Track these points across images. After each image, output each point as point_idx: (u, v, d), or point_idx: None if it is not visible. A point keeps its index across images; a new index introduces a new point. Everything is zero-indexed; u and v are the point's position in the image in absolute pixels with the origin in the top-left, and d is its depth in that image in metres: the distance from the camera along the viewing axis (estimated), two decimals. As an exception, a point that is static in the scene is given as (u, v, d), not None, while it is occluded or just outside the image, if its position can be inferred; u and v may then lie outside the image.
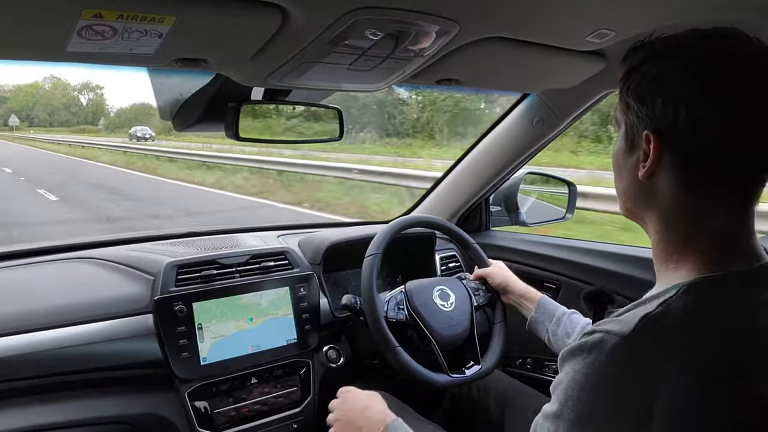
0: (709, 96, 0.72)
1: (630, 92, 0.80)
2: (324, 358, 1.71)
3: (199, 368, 1.47)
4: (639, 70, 0.79)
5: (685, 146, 0.75)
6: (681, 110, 0.73)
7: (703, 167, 0.75)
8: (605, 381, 0.71)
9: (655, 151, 0.76)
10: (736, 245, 0.77)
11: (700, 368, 0.69)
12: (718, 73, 0.72)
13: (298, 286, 1.67)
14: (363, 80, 1.28)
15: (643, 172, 0.79)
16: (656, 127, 0.76)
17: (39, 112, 52.14)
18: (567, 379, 0.74)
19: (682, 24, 0.95)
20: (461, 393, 1.71)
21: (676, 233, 0.80)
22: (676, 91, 0.74)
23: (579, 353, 0.74)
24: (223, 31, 0.95)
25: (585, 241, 2.05)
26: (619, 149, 0.85)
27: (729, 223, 0.77)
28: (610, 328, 0.72)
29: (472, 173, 2.14)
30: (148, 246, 1.78)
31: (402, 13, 0.96)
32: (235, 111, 1.33)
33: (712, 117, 0.72)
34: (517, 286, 1.58)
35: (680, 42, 0.77)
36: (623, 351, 0.70)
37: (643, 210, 0.84)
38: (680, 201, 0.78)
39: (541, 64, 1.40)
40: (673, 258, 0.80)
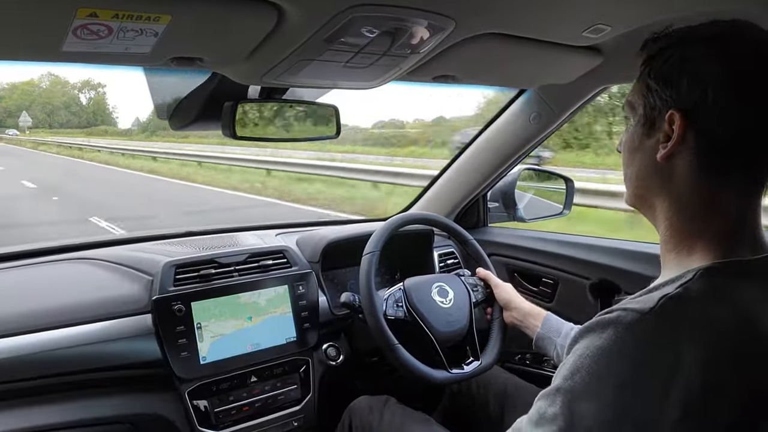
0: (733, 81, 0.73)
1: (652, 75, 0.80)
2: (323, 356, 1.71)
3: (198, 367, 1.47)
4: (661, 55, 0.80)
5: (709, 128, 0.75)
6: (708, 92, 0.74)
7: (724, 150, 0.76)
8: (621, 355, 0.71)
9: (679, 131, 0.77)
10: (745, 233, 0.78)
11: (716, 352, 0.69)
12: (742, 61, 0.74)
13: (296, 284, 1.67)
14: (359, 78, 1.28)
15: (664, 152, 0.79)
16: (682, 107, 0.76)
17: (37, 112, 47.83)
18: (576, 356, 0.74)
19: (678, 18, 0.96)
20: (460, 390, 1.71)
21: (689, 218, 0.80)
22: (703, 73, 0.75)
23: (594, 329, 0.74)
24: (218, 29, 0.95)
25: (583, 236, 2.05)
26: (633, 134, 0.86)
27: (741, 210, 0.78)
28: (628, 306, 0.73)
29: (470, 170, 2.14)
30: (146, 246, 1.78)
31: (398, 10, 0.96)
32: (231, 109, 1.33)
33: (736, 102, 0.73)
34: (522, 305, 1.56)
35: (701, 30, 0.78)
36: (643, 327, 0.70)
37: (655, 195, 0.84)
38: (696, 184, 0.78)
39: (537, 60, 1.40)
40: (686, 243, 0.80)
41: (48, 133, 38.75)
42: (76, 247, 1.75)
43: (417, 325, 1.52)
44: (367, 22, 0.97)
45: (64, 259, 1.67)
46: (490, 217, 2.30)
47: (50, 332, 1.36)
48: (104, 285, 1.54)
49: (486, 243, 1.99)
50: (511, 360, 2.02)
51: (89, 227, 8.37)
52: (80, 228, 8.22)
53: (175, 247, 1.71)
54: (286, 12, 0.91)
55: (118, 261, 1.62)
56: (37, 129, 42.02)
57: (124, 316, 1.45)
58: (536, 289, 2.01)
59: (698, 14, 0.99)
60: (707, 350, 0.69)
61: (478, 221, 2.29)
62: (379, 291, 1.57)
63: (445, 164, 2.24)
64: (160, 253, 1.63)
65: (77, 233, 7.51)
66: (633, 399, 0.69)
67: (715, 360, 0.69)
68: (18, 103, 40.49)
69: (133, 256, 1.64)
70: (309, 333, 1.66)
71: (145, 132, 35.68)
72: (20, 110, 36.30)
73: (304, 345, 1.65)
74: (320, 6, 0.91)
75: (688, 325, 0.70)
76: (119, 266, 1.60)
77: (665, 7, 1.04)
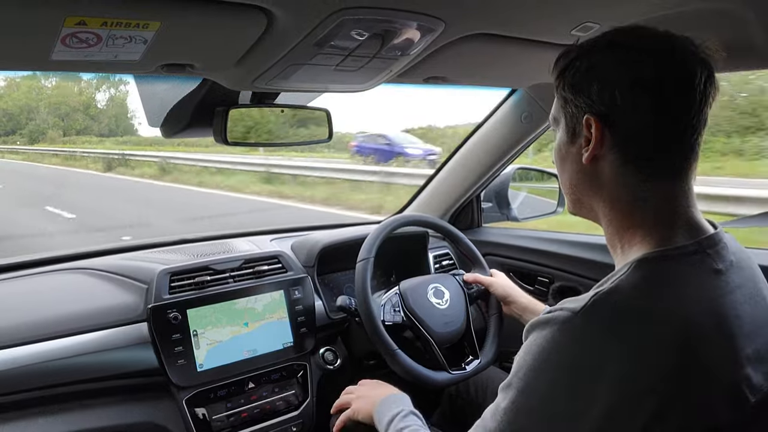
0: (638, 81, 0.79)
1: (566, 87, 0.86)
2: (321, 360, 1.71)
3: (195, 375, 1.46)
4: (571, 66, 0.85)
5: (623, 126, 0.81)
6: (616, 94, 0.80)
7: (639, 145, 0.81)
8: (555, 353, 0.75)
9: (597, 133, 0.82)
10: (679, 219, 0.82)
11: (649, 343, 0.72)
12: (643, 61, 0.79)
13: (292, 289, 1.66)
14: (350, 81, 1.29)
15: (587, 155, 0.84)
16: (595, 111, 0.82)
17: (47, 116, 33.28)
18: (522, 353, 0.80)
19: (667, 14, 0.97)
20: (458, 392, 1.71)
21: (622, 213, 0.85)
22: (610, 78, 0.81)
23: (536, 326, 0.79)
24: (208, 35, 0.95)
25: (577, 234, 2.05)
26: (560, 143, 0.91)
27: (670, 196, 0.83)
28: (565, 305, 0.77)
29: (463, 170, 2.15)
30: (140, 254, 1.78)
31: (387, 13, 0.96)
32: (223, 115, 1.33)
33: (642, 100, 0.79)
34: (520, 298, 1.57)
35: (603, 39, 0.84)
36: (574, 326, 0.74)
37: (590, 197, 0.89)
38: (622, 181, 0.83)
39: (526, 59, 1.40)
40: (624, 238, 0.86)
41: (64, 142, 25.67)
42: (69, 258, 1.74)
43: (415, 328, 1.53)
44: (357, 24, 0.97)
45: (58, 270, 1.66)
46: (484, 218, 2.31)
47: (45, 343, 1.35)
48: (99, 294, 1.53)
49: (481, 243, 1.99)
50: (508, 360, 2.02)
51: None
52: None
53: (169, 255, 1.71)
54: (276, 17, 0.91)
55: (113, 270, 1.61)
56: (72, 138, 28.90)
57: (120, 325, 1.45)
58: (532, 288, 2.01)
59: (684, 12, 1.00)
60: (635, 345, 0.72)
61: (472, 222, 2.29)
62: (375, 296, 1.57)
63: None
64: (155, 261, 1.62)
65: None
66: (564, 397, 0.74)
67: (644, 354, 0.72)
68: (21, 105, 26.32)
69: (128, 265, 1.63)
70: (306, 338, 1.66)
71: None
72: (24, 113, 26.97)
73: (301, 350, 1.65)
74: (309, 10, 0.91)
75: (616, 322, 0.74)
76: (114, 275, 1.60)
77: (653, 5, 1.05)
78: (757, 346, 0.78)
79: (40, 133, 25.88)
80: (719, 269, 0.80)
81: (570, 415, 0.73)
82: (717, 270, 0.80)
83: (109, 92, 39.44)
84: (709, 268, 0.79)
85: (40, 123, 27.16)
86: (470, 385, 1.69)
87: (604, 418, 0.71)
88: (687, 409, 0.71)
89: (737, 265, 0.83)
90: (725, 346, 0.75)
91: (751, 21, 1.08)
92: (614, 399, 0.71)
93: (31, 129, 27.21)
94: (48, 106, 28.68)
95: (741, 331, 0.77)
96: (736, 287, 0.80)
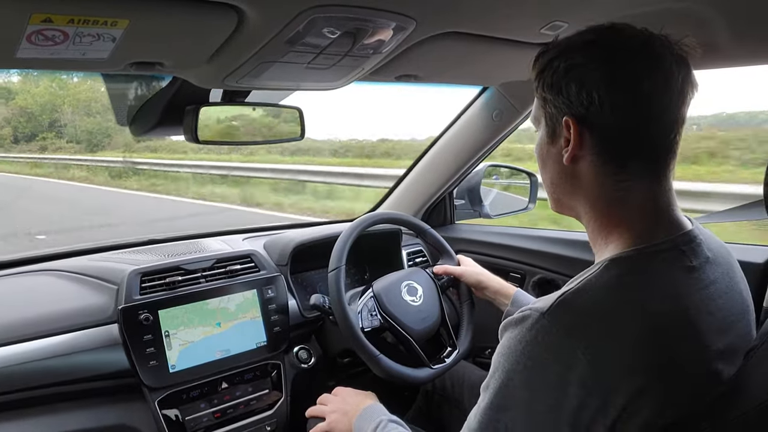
0: (615, 82, 0.79)
1: (545, 87, 0.87)
2: (295, 359, 1.70)
3: (168, 376, 1.45)
4: (549, 67, 0.86)
5: (601, 127, 0.82)
6: (594, 95, 0.80)
7: (618, 145, 0.82)
8: (525, 354, 0.76)
9: (575, 134, 0.83)
10: (659, 216, 0.84)
11: (614, 341, 0.74)
12: (619, 61, 0.80)
13: (265, 288, 1.66)
14: (322, 79, 1.28)
15: (567, 156, 0.85)
16: (574, 112, 0.83)
17: (73, 116, 22.49)
18: (497, 353, 0.81)
19: (634, 14, 0.99)
20: (435, 388, 1.73)
21: (602, 212, 0.86)
22: (588, 79, 0.81)
23: (508, 327, 0.81)
24: (178, 33, 0.94)
25: (548, 230, 2.08)
26: (541, 142, 0.92)
27: (649, 195, 0.84)
28: (534, 305, 0.78)
29: (435, 168, 2.16)
30: (110, 255, 1.75)
31: (358, 11, 0.96)
32: (193, 114, 1.31)
33: (619, 100, 0.80)
34: (491, 282, 1.58)
35: (581, 38, 0.85)
36: (541, 326, 0.76)
37: (571, 196, 0.90)
38: (602, 180, 0.84)
39: (497, 58, 1.41)
40: (603, 235, 0.87)
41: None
42: (37, 259, 1.71)
43: (393, 329, 1.53)
44: (329, 22, 0.97)
45: (25, 272, 1.63)
46: (456, 215, 2.32)
47: (13, 347, 1.32)
48: (68, 296, 1.51)
49: (453, 240, 2.01)
50: (481, 355, 2.05)
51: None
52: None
53: (140, 256, 1.69)
54: (246, 14, 0.90)
55: (82, 271, 1.59)
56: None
57: (90, 327, 1.42)
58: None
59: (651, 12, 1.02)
60: (600, 344, 0.73)
61: (445, 219, 2.31)
62: (351, 301, 1.58)
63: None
64: (124, 261, 1.60)
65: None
66: (537, 395, 0.75)
67: (609, 352, 0.73)
68: (42, 103, 19.13)
69: (97, 266, 1.61)
70: (279, 337, 1.65)
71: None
72: (45, 113, 18.19)
73: (275, 349, 1.64)
74: (280, 7, 0.91)
75: (581, 321, 0.75)
76: (83, 276, 1.57)
77: (620, 4, 1.06)
78: (730, 339, 0.80)
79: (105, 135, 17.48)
80: (693, 266, 0.81)
81: (545, 412, 0.75)
82: (690, 267, 0.81)
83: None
84: (683, 264, 0.81)
85: (64, 126, 19.11)
86: (446, 381, 1.70)
87: (576, 414, 0.73)
88: (656, 403, 0.73)
89: (713, 261, 0.85)
90: (694, 342, 0.77)
91: (715, 21, 1.11)
92: (584, 397, 0.72)
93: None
94: (79, 104, 18.55)
95: (712, 326, 0.79)
96: (710, 283, 0.82)
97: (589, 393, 0.72)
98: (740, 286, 0.90)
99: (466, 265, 1.67)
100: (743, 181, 5.37)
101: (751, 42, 1.21)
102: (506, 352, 0.79)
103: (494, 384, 0.80)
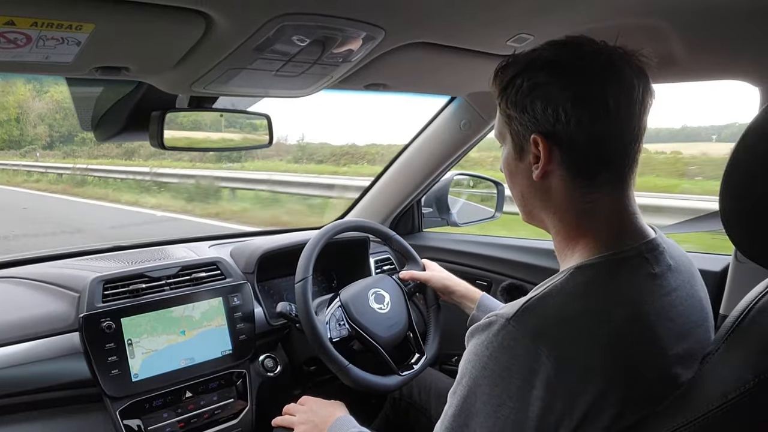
0: (578, 98, 0.81)
1: (509, 105, 0.88)
2: (260, 368, 1.69)
3: (130, 385, 1.42)
4: (512, 84, 0.87)
5: (569, 143, 0.83)
6: (560, 112, 0.81)
7: (585, 159, 0.84)
8: (491, 359, 0.77)
9: (545, 151, 0.84)
10: (624, 225, 0.86)
11: (577, 346, 0.75)
12: (581, 77, 0.82)
13: (231, 296, 1.64)
14: (291, 86, 1.28)
15: (537, 172, 0.86)
16: (541, 130, 0.84)
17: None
18: (464, 359, 0.82)
19: (595, 28, 1.01)
20: (402, 395, 1.73)
21: (570, 224, 0.88)
22: (551, 96, 0.82)
23: (475, 333, 0.82)
24: (145, 38, 0.92)
25: (514, 238, 2.11)
26: (508, 158, 0.93)
27: (615, 206, 0.86)
28: (501, 312, 0.79)
29: (404, 176, 2.17)
30: (72, 262, 1.72)
31: (328, 20, 0.96)
32: (159, 119, 1.30)
33: (584, 116, 0.81)
34: (457, 287, 1.59)
35: (542, 54, 0.86)
36: (506, 332, 0.77)
37: (540, 209, 0.92)
38: (570, 194, 0.86)
39: (464, 68, 1.43)
40: (571, 245, 0.89)
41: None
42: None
43: (362, 338, 1.53)
44: (297, 30, 0.97)
45: None
46: (424, 223, 2.34)
47: (-31, 356, 1.28)
48: (28, 304, 1.47)
49: (421, 248, 2.02)
50: (448, 362, 2.06)
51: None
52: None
53: (103, 263, 1.65)
54: (215, 21, 0.90)
55: (42, 279, 1.55)
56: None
57: (50, 335, 1.39)
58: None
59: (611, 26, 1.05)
60: (563, 349, 0.75)
61: (413, 227, 2.32)
62: (318, 311, 1.57)
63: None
64: (87, 269, 1.57)
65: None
66: (503, 401, 0.76)
67: (572, 357, 0.75)
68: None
69: (58, 273, 1.57)
70: (245, 345, 1.64)
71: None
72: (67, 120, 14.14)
73: (241, 357, 1.63)
74: (249, 15, 0.90)
75: (545, 327, 0.77)
76: (43, 284, 1.53)
77: (583, 18, 1.09)
78: (689, 345, 0.82)
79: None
80: (655, 273, 0.83)
81: (511, 417, 0.75)
82: (653, 274, 0.83)
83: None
84: (646, 271, 0.83)
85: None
86: (413, 388, 1.70)
87: (541, 418, 0.74)
88: (617, 405, 0.74)
89: (675, 269, 0.87)
90: (654, 346, 0.79)
91: (672, 36, 1.15)
92: (549, 400, 0.73)
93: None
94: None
95: (671, 332, 0.81)
96: (672, 290, 0.84)
97: (554, 396, 0.73)
98: (700, 294, 0.92)
99: (432, 270, 1.68)
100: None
101: (706, 56, 1.25)
102: (473, 359, 0.80)
103: (461, 390, 0.81)
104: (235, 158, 12.61)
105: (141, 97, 1.29)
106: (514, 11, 1.06)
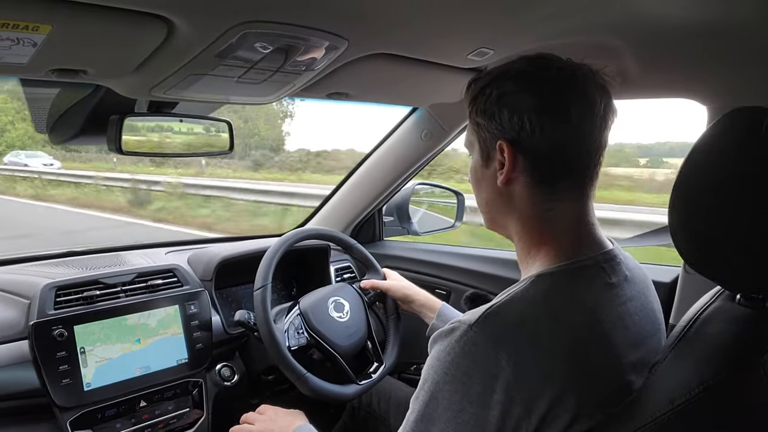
0: (543, 108, 0.85)
1: (479, 113, 0.92)
2: (217, 377, 1.67)
3: (82, 395, 1.38)
4: (482, 93, 0.91)
5: (533, 150, 0.87)
6: (525, 120, 0.85)
7: (547, 167, 0.87)
8: (453, 364, 0.79)
9: (510, 157, 0.88)
10: (583, 235, 0.89)
11: (536, 352, 0.77)
12: (547, 89, 0.86)
13: (188, 303, 1.62)
14: (253, 93, 1.27)
15: (501, 178, 0.90)
16: (507, 137, 0.87)
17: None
18: (427, 365, 0.83)
19: (553, 45, 1.04)
20: (361, 404, 1.73)
21: (532, 231, 0.91)
22: (518, 105, 0.86)
23: (437, 340, 0.83)
24: (104, 41, 0.91)
25: (472, 248, 2.13)
26: (475, 165, 0.96)
27: (575, 215, 0.89)
28: (462, 318, 0.81)
29: (365, 185, 2.18)
30: (23, 267, 1.66)
31: (290, 28, 0.96)
32: (117, 124, 1.28)
33: (548, 125, 0.85)
34: (418, 296, 1.60)
35: (512, 66, 0.90)
36: (468, 338, 0.79)
37: (504, 216, 0.95)
38: (533, 201, 0.89)
39: (426, 80, 1.45)
40: (532, 253, 0.91)
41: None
42: None
43: (320, 346, 1.53)
44: (260, 38, 0.97)
45: None
46: (385, 231, 2.35)
47: None
48: None
49: (381, 256, 2.02)
50: (407, 371, 2.06)
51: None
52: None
53: (56, 269, 1.61)
54: (176, 26, 0.89)
55: None
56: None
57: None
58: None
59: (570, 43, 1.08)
60: (523, 355, 0.77)
61: (374, 235, 2.33)
62: (277, 319, 1.56)
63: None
64: (39, 275, 1.53)
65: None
66: (464, 405, 0.77)
67: (531, 363, 0.77)
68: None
69: (8, 279, 1.53)
70: (202, 353, 1.61)
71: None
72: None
73: (197, 366, 1.60)
74: (211, 21, 0.90)
75: (505, 333, 0.79)
76: None
77: (542, 35, 1.12)
78: (642, 354, 0.85)
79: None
80: (612, 282, 0.86)
81: (471, 422, 0.77)
82: (610, 283, 0.86)
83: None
84: (603, 281, 0.86)
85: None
86: (372, 397, 1.71)
87: (501, 422, 0.75)
88: (572, 410, 0.76)
89: (631, 279, 0.90)
90: (610, 354, 0.81)
91: (626, 54, 1.18)
92: (508, 404, 0.75)
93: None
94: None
95: (626, 340, 0.83)
96: (628, 300, 0.87)
97: (513, 401, 0.75)
98: (654, 305, 0.95)
99: (392, 279, 1.69)
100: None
101: (659, 74, 1.30)
102: (435, 364, 0.81)
103: (423, 396, 0.82)
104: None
105: (99, 101, 1.27)
106: (475, 26, 1.08)
